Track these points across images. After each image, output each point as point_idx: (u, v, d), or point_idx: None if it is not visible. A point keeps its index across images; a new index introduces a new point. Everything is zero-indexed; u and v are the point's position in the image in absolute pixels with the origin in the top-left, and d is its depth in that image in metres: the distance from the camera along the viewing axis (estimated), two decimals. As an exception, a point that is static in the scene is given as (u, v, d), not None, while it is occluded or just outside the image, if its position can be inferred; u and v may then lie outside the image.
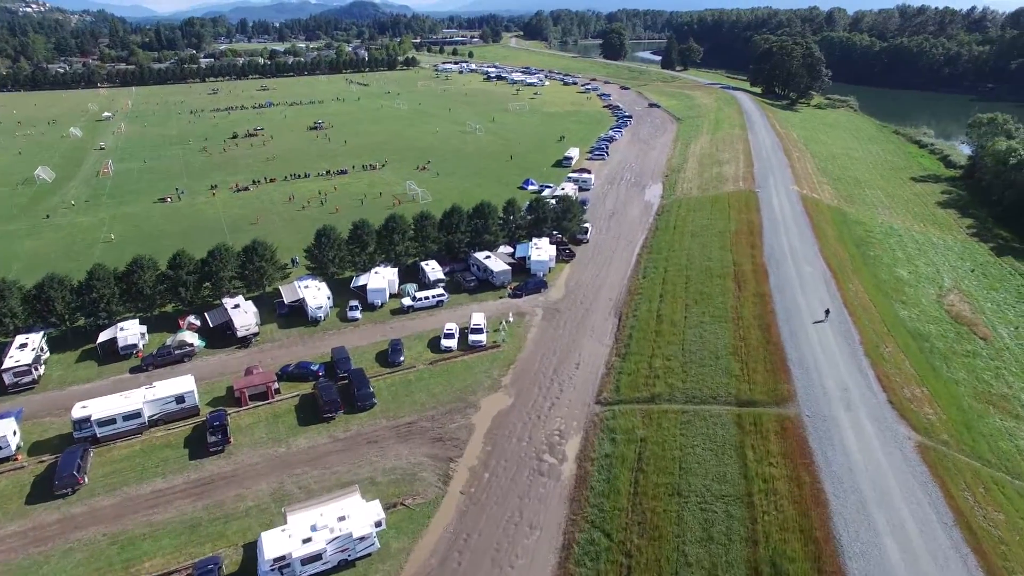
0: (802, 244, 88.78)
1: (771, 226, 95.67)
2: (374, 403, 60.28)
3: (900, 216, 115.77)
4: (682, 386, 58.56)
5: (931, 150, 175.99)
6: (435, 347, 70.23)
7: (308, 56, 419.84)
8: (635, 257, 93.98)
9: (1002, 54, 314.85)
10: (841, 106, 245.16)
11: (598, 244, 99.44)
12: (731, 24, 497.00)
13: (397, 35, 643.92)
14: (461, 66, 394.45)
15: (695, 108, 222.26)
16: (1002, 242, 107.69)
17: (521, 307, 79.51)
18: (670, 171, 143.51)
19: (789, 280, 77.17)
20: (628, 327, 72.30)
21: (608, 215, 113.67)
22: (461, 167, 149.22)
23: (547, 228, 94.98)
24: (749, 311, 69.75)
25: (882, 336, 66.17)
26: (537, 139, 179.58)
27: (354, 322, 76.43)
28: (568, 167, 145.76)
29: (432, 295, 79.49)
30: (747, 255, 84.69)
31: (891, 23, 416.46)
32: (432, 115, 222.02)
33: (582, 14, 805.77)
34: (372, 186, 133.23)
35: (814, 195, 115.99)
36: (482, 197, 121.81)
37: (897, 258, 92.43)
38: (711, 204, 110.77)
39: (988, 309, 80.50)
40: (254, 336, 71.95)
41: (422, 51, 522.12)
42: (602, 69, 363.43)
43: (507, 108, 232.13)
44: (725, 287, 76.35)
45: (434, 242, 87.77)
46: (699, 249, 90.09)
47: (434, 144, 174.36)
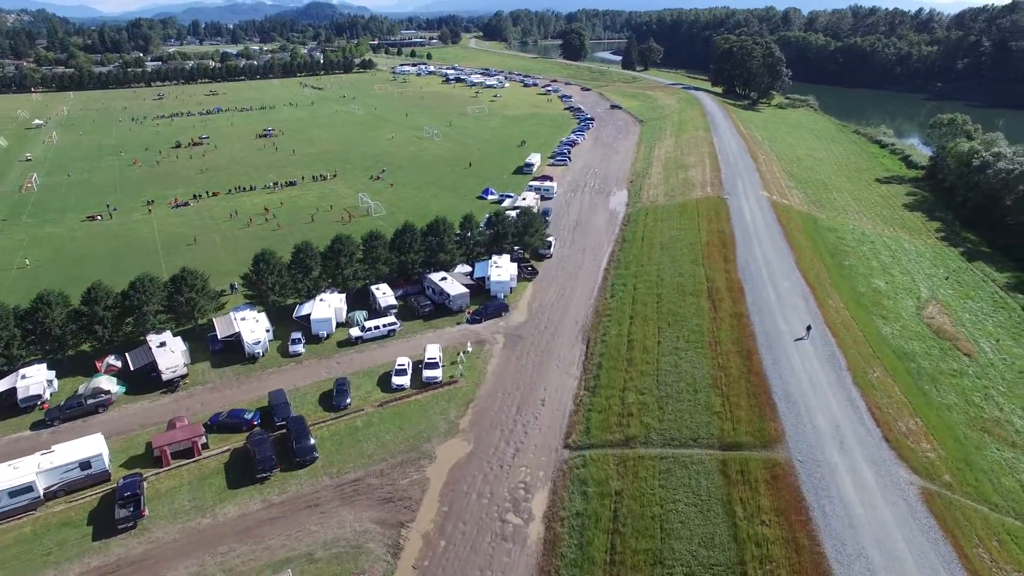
0: (777, 256, 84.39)
1: (743, 237, 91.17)
2: (315, 457, 53.20)
3: (870, 220, 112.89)
4: (659, 426, 52.91)
5: (892, 150, 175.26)
6: (386, 385, 63.37)
7: (261, 59, 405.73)
8: (602, 272, 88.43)
9: (949, 54, 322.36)
10: (801, 105, 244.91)
11: (562, 259, 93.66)
12: (690, 24, 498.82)
13: (354, 37, 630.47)
14: (419, 68, 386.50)
15: (657, 109, 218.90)
16: (971, 246, 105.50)
17: (481, 334, 73.09)
18: (635, 176, 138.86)
19: (766, 298, 72.44)
20: (597, 355, 66.55)
21: (572, 226, 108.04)
22: (417, 176, 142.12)
23: (508, 244, 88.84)
24: (727, 335, 64.59)
25: (868, 359, 61.70)
26: (497, 144, 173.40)
27: (296, 357, 68.97)
28: (529, 174, 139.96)
29: (383, 324, 72.50)
30: (721, 270, 79.81)
31: (844, 23, 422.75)
32: (388, 120, 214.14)
33: (541, 14, 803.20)
34: (323, 199, 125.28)
35: (784, 201, 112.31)
36: (439, 209, 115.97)
37: (873, 268, 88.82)
38: (679, 212, 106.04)
39: (967, 321, 77.22)
40: (182, 379, 64.00)
41: (380, 53, 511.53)
42: (563, 70, 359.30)
43: (466, 112, 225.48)
44: (699, 307, 71.18)
45: (385, 264, 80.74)
46: (669, 263, 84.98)
47: (389, 151, 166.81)
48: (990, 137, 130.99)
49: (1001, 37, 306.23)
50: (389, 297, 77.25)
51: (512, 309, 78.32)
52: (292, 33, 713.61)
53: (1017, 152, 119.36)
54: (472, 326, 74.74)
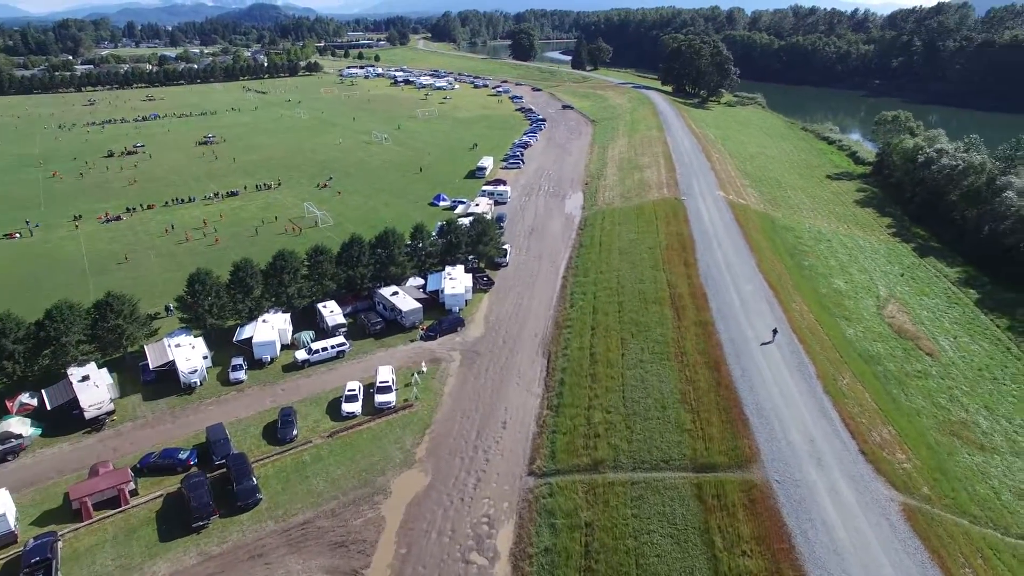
0: (738, 259, 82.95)
1: (703, 239, 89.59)
2: (259, 499, 48.45)
3: (824, 218, 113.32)
4: (628, 448, 50.03)
5: (839, 146, 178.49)
6: (336, 412, 58.87)
7: (202, 63, 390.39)
8: (560, 280, 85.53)
9: (883, 53, 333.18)
10: (750, 103, 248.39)
11: (519, 267, 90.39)
12: (637, 23, 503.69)
13: (300, 39, 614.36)
14: (367, 70, 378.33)
15: (609, 109, 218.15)
16: (921, 242, 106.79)
17: (436, 352, 69.13)
18: (590, 178, 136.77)
19: (730, 303, 70.60)
20: (559, 370, 63.45)
21: (528, 232, 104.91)
22: (366, 183, 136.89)
23: (461, 254, 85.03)
24: (692, 344, 62.32)
25: (836, 364, 60.30)
26: (448, 148, 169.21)
27: (238, 385, 63.70)
28: (482, 178, 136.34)
29: (331, 345, 67.78)
30: (682, 275, 77.81)
31: (786, 23, 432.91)
32: (335, 124, 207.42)
33: (490, 15, 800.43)
34: (267, 209, 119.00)
35: (740, 200, 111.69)
36: (389, 217, 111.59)
37: (831, 267, 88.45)
38: (636, 215, 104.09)
39: (926, 318, 77.21)
40: (108, 416, 58.12)
41: (326, 55, 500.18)
42: (512, 70, 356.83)
43: (415, 114, 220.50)
44: (663, 315, 68.84)
45: (332, 280, 75.90)
46: (629, 269, 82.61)
47: (337, 157, 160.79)
48: (932, 134, 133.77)
49: (930, 37, 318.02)
50: (337, 316, 72.55)
51: (468, 323, 74.59)
52: (235, 35, 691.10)
53: (958, 148, 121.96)
54: (426, 343, 70.72)
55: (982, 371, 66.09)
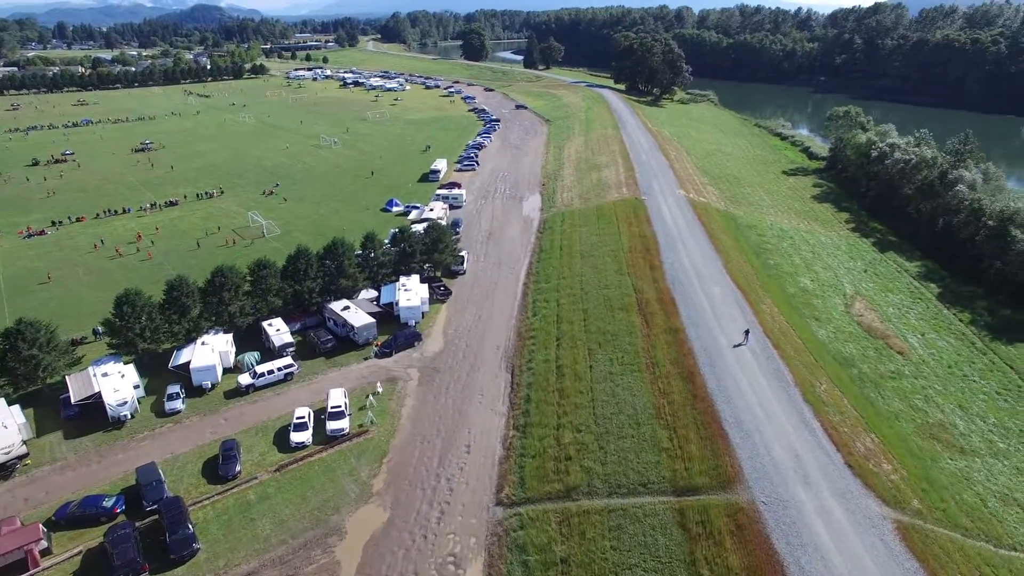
0: (704, 260, 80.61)
1: (667, 240, 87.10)
2: (196, 550, 43.13)
3: (785, 215, 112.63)
4: (602, 471, 46.51)
5: (792, 142, 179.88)
6: (284, 442, 53.79)
7: (141, 65, 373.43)
8: (521, 287, 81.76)
9: (827, 51, 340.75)
10: (703, 100, 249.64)
11: (477, 275, 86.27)
12: (588, 22, 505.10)
13: (245, 41, 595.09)
14: (315, 72, 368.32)
15: (563, 108, 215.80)
16: (879, 236, 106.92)
17: (392, 370, 64.46)
18: (547, 179, 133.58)
19: (700, 307, 67.95)
20: (524, 385, 59.62)
21: (485, 236, 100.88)
22: (315, 189, 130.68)
23: (416, 263, 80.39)
24: (664, 353, 59.32)
25: (812, 369, 58.14)
26: (400, 150, 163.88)
27: (175, 416, 57.86)
28: (436, 181, 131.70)
29: (278, 367, 62.41)
30: (648, 278, 74.96)
31: (733, 21, 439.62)
32: (282, 128, 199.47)
33: (440, 15, 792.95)
34: (208, 220, 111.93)
35: (701, 199, 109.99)
36: (339, 225, 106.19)
37: (796, 265, 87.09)
38: (597, 216, 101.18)
39: (892, 315, 76.27)
40: (19, 460, 51.69)
41: (272, 57, 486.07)
42: (464, 71, 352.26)
43: (366, 117, 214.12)
44: (630, 323, 65.71)
45: (278, 295, 70.38)
46: (593, 274, 79.41)
47: (283, 163, 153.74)
48: (884, 128, 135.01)
49: (869, 36, 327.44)
50: (284, 334, 67.14)
51: (426, 337, 70.15)
52: (176, 37, 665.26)
53: (909, 143, 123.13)
54: (382, 361, 65.95)
55: (952, 368, 65.07)
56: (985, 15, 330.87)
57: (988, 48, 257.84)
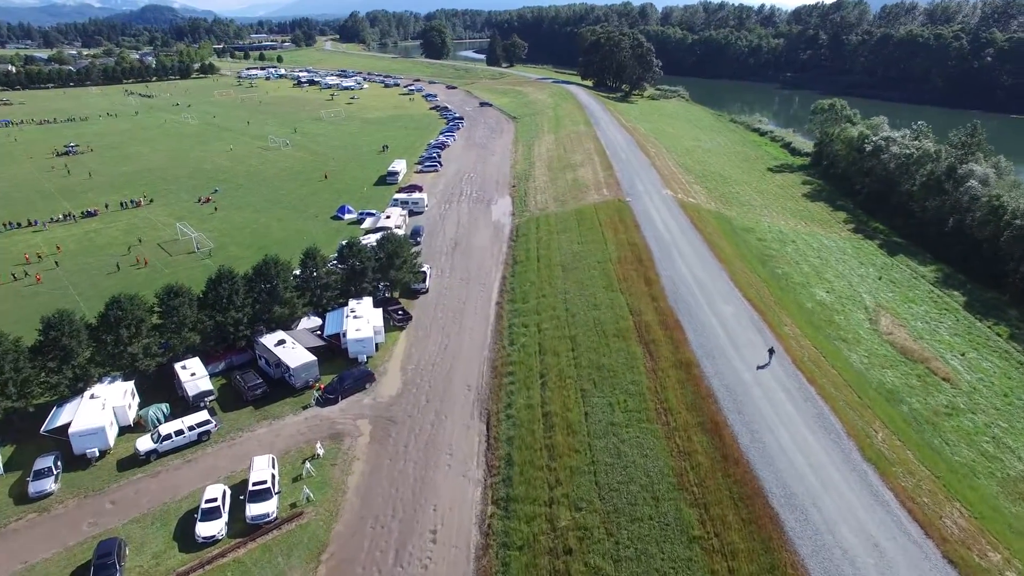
0: (706, 271, 69.05)
1: (661, 248, 75.42)
2: None
3: (780, 215, 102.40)
4: (615, 572, 34.21)
5: (772, 138, 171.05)
6: (188, 535, 40.24)
7: (79, 64, 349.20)
8: (494, 308, 69.14)
9: (792, 47, 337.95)
10: (674, 96, 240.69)
11: (442, 294, 73.33)
12: (550, 20, 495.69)
13: (196, 41, 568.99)
14: (268, 72, 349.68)
15: (530, 105, 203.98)
16: (884, 237, 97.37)
17: (337, 422, 51.22)
18: (517, 180, 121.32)
19: (711, 333, 56.23)
20: (503, 440, 47.07)
21: (450, 247, 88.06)
22: (258, 195, 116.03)
23: (368, 283, 67.08)
24: (677, 396, 47.34)
25: (859, 410, 46.80)
26: (356, 151, 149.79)
27: (42, 500, 43.70)
28: (394, 184, 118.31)
29: (190, 425, 48.52)
30: (644, 296, 63.06)
31: (697, 18, 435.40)
32: (228, 129, 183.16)
33: (400, 15, 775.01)
34: (130, 232, 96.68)
35: (690, 199, 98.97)
36: (283, 235, 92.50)
37: (806, 274, 76.41)
38: (577, 221, 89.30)
39: (923, 331, 65.94)
40: None
41: (224, 57, 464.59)
42: (425, 69, 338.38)
43: (320, 116, 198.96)
44: (631, 354, 53.65)
45: (195, 329, 56.45)
46: (578, 291, 67.24)
47: (226, 166, 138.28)
48: (875, 121, 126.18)
49: (834, 31, 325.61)
50: (202, 380, 53.25)
51: (380, 376, 57.01)
52: (123, 37, 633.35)
53: (906, 136, 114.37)
54: (325, 410, 52.66)
55: (1008, 397, 54.66)
56: (945, 11, 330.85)
57: (951, 44, 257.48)
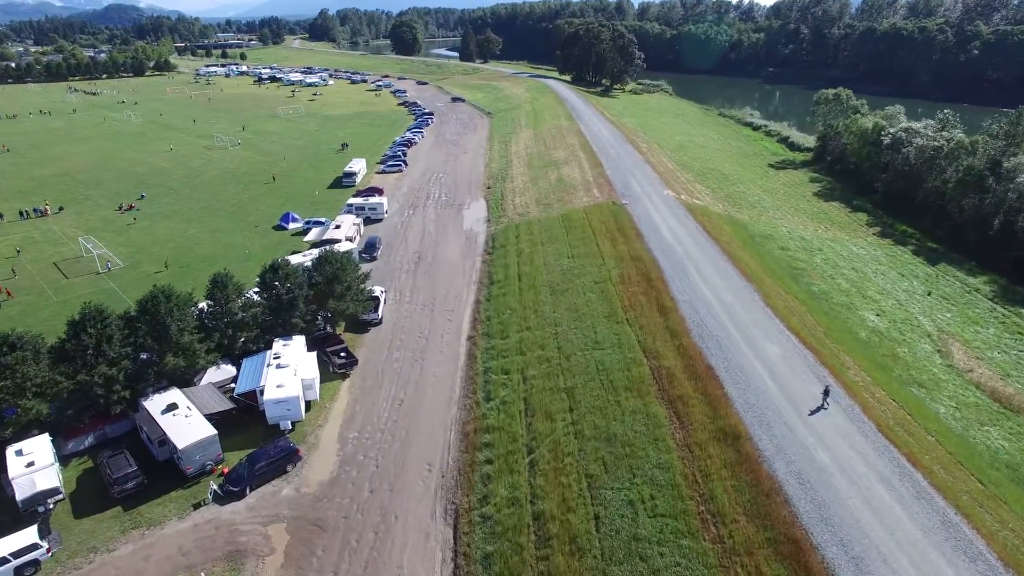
0: (734, 294, 54.48)
1: (672, 264, 60.71)
2: None
3: (796, 218, 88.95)
4: None
5: (766, 132, 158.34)
6: None
7: (22, 59, 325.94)
8: (465, 345, 54.06)
9: (773, 41, 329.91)
10: (656, 90, 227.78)
11: (400, 325, 58.00)
12: (525, 16, 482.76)
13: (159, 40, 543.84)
14: (229, 69, 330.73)
15: (506, 99, 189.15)
16: (916, 242, 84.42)
17: (240, 530, 35.61)
18: (492, 180, 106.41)
19: (759, 386, 41.51)
20: (478, 560, 32.10)
21: (412, 262, 72.74)
22: (192, 201, 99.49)
23: (301, 317, 51.46)
24: (729, 494, 32.52)
25: (993, 510, 32.53)
26: (312, 151, 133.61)
27: None
28: (352, 186, 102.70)
29: (10, 551, 32.75)
30: (660, 330, 48.38)
31: (675, 13, 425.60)
32: (172, 128, 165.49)
33: (371, 13, 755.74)
34: (24, 247, 79.88)
35: (695, 200, 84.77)
36: (212, 251, 76.81)
37: (846, 291, 62.60)
38: (565, 229, 74.63)
39: (1003, 362, 52.68)
40: None
41: (186, 56, 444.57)
42: (395, 66, 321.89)
43: (277, 113, 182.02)
44: (651, 418, 38.93)
45: (42, 395, 40.49)
46: (572, 322, 52.45)
47: (163, 169, 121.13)
48: (891, 111, 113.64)
49: (816, 25, 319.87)
50: (41, 473, 37.27)
51: (309, 450, 41.58)
52: (81, 36, 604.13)
53: (928, 127, 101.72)
54: (226, 509, 37.05)
55: None
56: (927, 4, 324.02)
57: (935, 37, 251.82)
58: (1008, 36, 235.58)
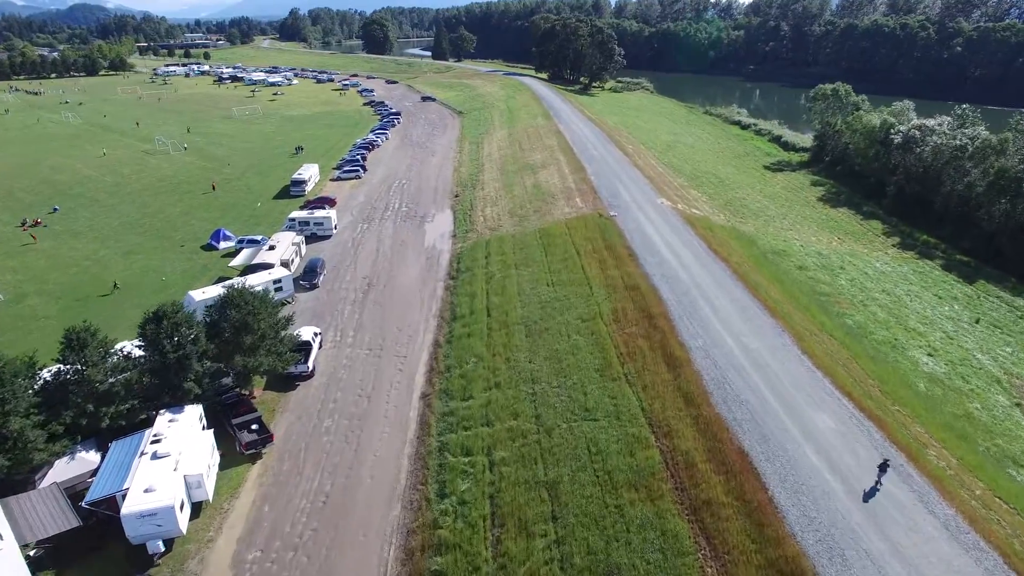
0: (759, 336, 42.64)
1: (677, 294, 48.88)
2: None
3: (805, 228, 78.27)
4: None
5: (756, 131, 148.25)
6: None
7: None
8: (417, 408, 41.88)
9: (752, 39, 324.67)
10: (636, 88, 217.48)
11: (337, 377, 45.68)
12: (500, 14, 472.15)
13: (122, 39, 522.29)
14: (189, 68, 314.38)
15: (479, 98, 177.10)
16: (943, 255, 74.19)
17: None
18: (461, 187, 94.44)
19: (812, 478, 29.77)
20: None
21: (361, 290, 60.44)
22: (114, 215, 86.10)
23: (196, 379, 38.88)
24: None
25: None
26: (263, 154, 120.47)
27: None
28: (301, 196, 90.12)
29: None
30: (671, 392, 36.70)
31: (653, 10, 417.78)
32: (112, 131, 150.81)
33: (344, 13, 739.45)
34: None
35: (693, 210, 73.41)
36: (124, 276, 64.69)
37: (885, 322, 51.63)
38: (543, 247, 62.88)
39: (1089, 416, 41.91)
40: None
41: (147, 55, 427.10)
42: (365, 64, 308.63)
43: (231, 114, 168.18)
44: (668, 538, 27.05)
45: None
46: (555, 378, 40.54)
47: (88, 176, 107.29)
48: (900, 107, 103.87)
49: (796, 22, 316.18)
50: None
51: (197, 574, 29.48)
52: (39, 35, 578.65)
53: (945, 123, 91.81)
54: None
55: None
56: (907, 1, 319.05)
57: (918, 34, 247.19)
58: (990, 33, 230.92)
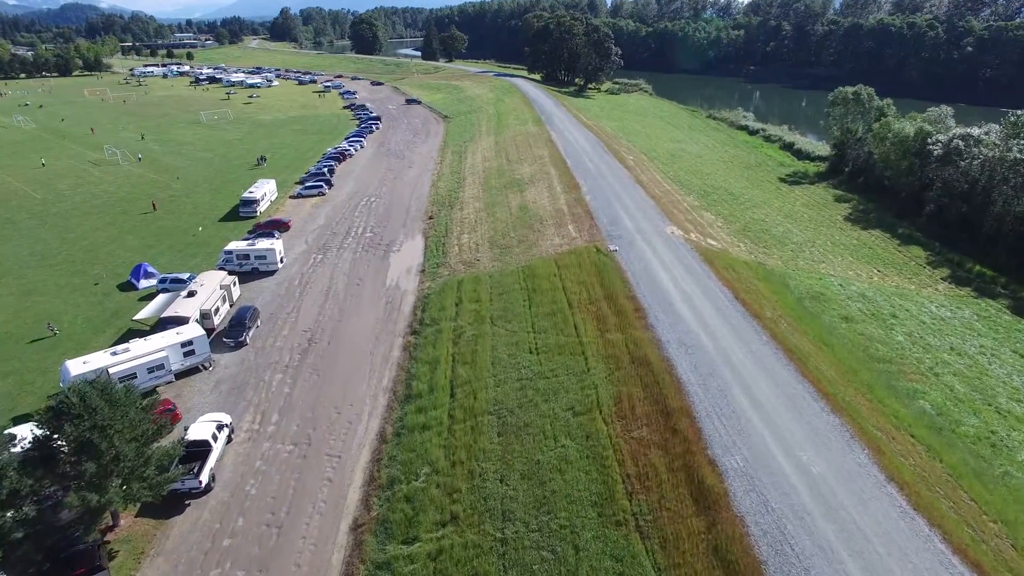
0: (823, 449, 30.12)
1: (701, 376, 35.96)
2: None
3: (838, 258, 66.31)
4: None
5: (765, 137, 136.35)
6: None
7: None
8: (345, 546, 29.83)
9: (753, 39, 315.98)
10: (635, 90, 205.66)
11: (241, 495, 33.41)
12: (494, 14, 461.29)
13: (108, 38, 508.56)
14: (168, 69, 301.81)
15: (467, 101, 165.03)
16: (1006, 293, 62.19)
17: None
18: (438, 207, 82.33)
19: None
20: None
21: (299, 350, 48.16)
22: (26, 241, 73.73)
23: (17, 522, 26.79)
24: None
25: None
26: (221, 165, 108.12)
27: None
28: (251, 217, 77.89)
29: None
30: (702, 551, 24.58)
31: (649, 9, 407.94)
32: (64, 137, 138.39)
33: (336, 12, 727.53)
34: None
35: (710, 242, 61.22)
36: (6, 327, 52.16)
37: (972, 404, 39.53)
38: (527, 295, 50.74)
39: None
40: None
41: (130, 55, 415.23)
42: (352, 64, 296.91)
43: (199, 119, 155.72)
44: None
45: None
46: (536, 516, 28.34)
47: (15, 191, 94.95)
48: (936, 114, 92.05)
49: (798, 21, 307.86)
50: None
51: None
52: (22, 34, 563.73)
53: (993, 132, 79.95)
54: None
55: None
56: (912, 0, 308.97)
57: (926, 34, 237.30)
58: (1003, 32, 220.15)
